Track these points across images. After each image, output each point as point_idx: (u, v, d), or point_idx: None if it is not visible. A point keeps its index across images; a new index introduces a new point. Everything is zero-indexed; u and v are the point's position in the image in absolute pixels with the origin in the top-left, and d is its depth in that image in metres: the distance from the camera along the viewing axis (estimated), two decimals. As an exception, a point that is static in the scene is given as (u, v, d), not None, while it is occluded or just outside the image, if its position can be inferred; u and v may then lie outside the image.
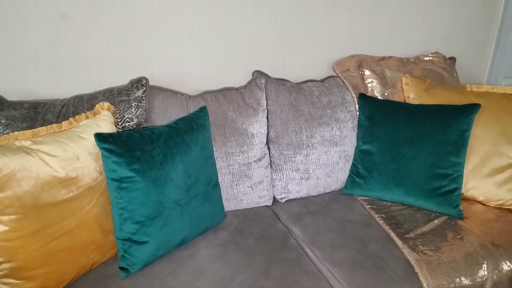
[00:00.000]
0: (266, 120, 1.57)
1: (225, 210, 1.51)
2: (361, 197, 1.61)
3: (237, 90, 1.60)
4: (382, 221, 1.44)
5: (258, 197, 1.54)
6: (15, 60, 1.40)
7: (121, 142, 1.11)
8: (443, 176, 1.46)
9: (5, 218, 0.98)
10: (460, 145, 1.46)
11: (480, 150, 1.51)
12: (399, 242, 1.32)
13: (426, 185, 1.48)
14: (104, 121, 1.26)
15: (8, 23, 1.35)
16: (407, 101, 1.71)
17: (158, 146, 1.18)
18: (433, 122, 1.49)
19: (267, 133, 1.59)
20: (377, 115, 1.60)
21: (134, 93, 1.41)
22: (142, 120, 1.42)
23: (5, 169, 0.99)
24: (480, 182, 1.51)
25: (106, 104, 1.32)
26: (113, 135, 1.12)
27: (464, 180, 1.49)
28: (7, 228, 0.99)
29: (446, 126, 1.48)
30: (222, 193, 1.46)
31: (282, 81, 1.65)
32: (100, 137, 1.09)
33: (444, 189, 1.46)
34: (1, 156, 1.00)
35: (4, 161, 1.00)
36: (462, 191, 1.49)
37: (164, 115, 1.46)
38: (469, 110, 1.48)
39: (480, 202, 1.54)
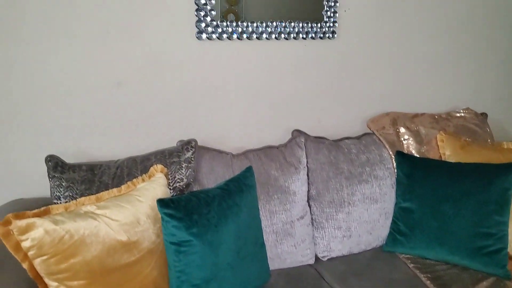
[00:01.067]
0: (307, 177, 1.62)
1: (270, 269, 1.52)
2: (403, 255, 1.61)
3: (278, 148, 1.66)
4: (428, 282, 1.43)
5: (301, 255, 1.56)
6: (73, 124, 1.49)
7: (180, 207, 1.16)
8: (487, 235, 1.46)
9: (75, 283, 1.02)
10: (503, 204, 1.47)
11: (523, 209, 1.52)
12: (449, 304, 1.31)
13: (471, 244, 1.48)
14: (159, 183, 1.32)
15: (67, 90, 1.45)
16: (443, 158, 1.74)
17: (213, 209, 1.22)
18: (474, 181, 1.52)
19: (308, 191, 1.63)
20: (415, 172, 1.64)
21: (184, 154, 1.48)
22: (191, 180, 1.47)
23: (76, 235, 1.05)
24: (525, 241, 1.51)
25: (160, 167, 1.38)
26: (174, 200, 1.17)
27: (510, 238, 1.49)
28: (74, 293, 1.03)
29: (487, 185, 1.50)
30: (267, 252, 1.48)
31: (320, 139, 1.71)
32: (162, 203, 1.14)
33: (490, 248, 1.46)
34: (72, 222, 1.06)
35: (75, 226, 1.05)
36: (509, 250, 1.48)
37: (210, 175, 1.51)
38: (510, 168, 1.51)
39: (526, 261, 1.53)
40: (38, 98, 1.43)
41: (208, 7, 1.52)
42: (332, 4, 1.71)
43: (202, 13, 1.53)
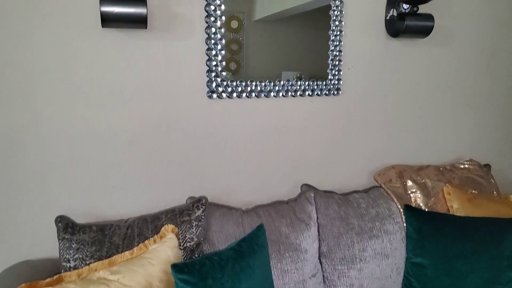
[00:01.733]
0: (317, 234, 1.61)
1: (282, 331, 1.48)
2: (418, 313, 1.57)
3: (287, 203, 1.67)
4: None
5: (314, 315, 1.52)
6: (83, 183, 1.50)
7: (195, 271, 1.15)
8: (502, 293, 1.45)
9: None
10: (516, 260, 1.47)
11: (535, 264, 1.51)
12: None
13: (486, 302, 1.45)
14: (170, 245, 1.31)
15: (79, 149, 1.47)
16: (451, 211, 1.75)
17: (226, 272, 1.21)
18: (485, 237, 1.52)
19: (319, 247, 1.62)
20: (425, 227, 1.63)
21: (195, 212, 1.48)
22: (201, 239, 1.46)
23: (90, 305, 1.02)
24: (541, 298, 1.49)
25: (171, 227, 1.38)
26: (188, 264, 1.16)
27: (525, 296, 1.47)
28: None
29: (499, 241, 1.50)
30: (279, 313, 1.45)
31: (329, 194, 1.72)
32: (176, 268, 1.13)
33: (506, 306, 1.43)
34: (86, 291, 1.04)
35: (89, 296, 1.03)
36: (525, 308, 1.46)
37: (221, 233, 1.50)
38: (520, 224, 1.52)
39: (543, 319, 1.50)
40: (49, 158, 1.44)
41: (219, 68, 1.58)
42: (337, 63, 1.78)
43: (213, 74, 1.58)
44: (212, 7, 1.53)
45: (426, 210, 1.74)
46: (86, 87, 1.44)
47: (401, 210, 1.72)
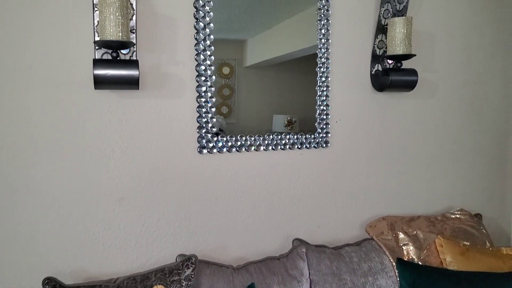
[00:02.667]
0: (309, 290, 1.58)
1: None
2: None
3: (279, 259, 1.65)
4: None
5: None
6: (72, 242, 1.48)
7: None
8: None
9: None
10: (511, 317, 1.44)
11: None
12: None
13: None
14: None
15: (68, 208, 1.47)
16: (444, 264, 1.73)
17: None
18: (479, 292, 1.50)
19: (311, 304, 1.58)
20: (418, 282, 1.61)
21: (185, 271, 1.45)
22: (191, 299, 1.43)
23: None
24: None
25: (160, 287, 1.35)
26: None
27: None
28: None
29: (493, 296, 1.48)
30: None
31: (321, 248, 1.70)
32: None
33: None
34: None
35: None
36: None
37: (211, 292, 1.47)
38: (513, 278, 1.50)
39: None
40: (37, 217, 1.43)
41: (209, 125, 1.61)
42: (324, 117, 1.83)
43: (204, 130, 1.61)
44: (203, 67, 1.58)
45: (419, 263, 1.73)
46: (77, 147, 1.45)
47: (394, 263, 1.70)
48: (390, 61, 1.91)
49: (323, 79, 1.81)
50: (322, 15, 1.78)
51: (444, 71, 2.11)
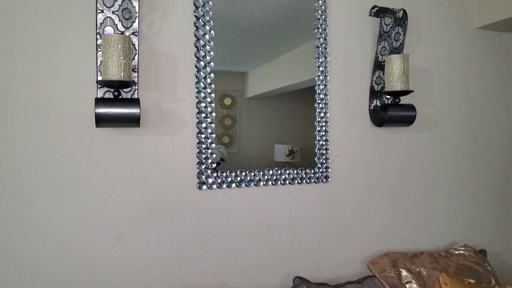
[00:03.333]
0: (310, 331, 1.54)
1: None
2: None
3: (279, 298, 1.61)
4: None
5: None
6: (71, 280, 1.46)
7: None
8: None
9: None
10: None
11: None
12: None
13: None
14: None
15: (68, 247, 1.46)
16: (449, 302, 1.69)
17: None
18: (485, 334, 1.45)
19: None
20: (423, 322, 1.57)
21: (182, 311, 1.42)
22: None
23: None
24: None
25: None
26: None
27: None
28: None
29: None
30: None
31: (322, 286, 1.67)
32: None
33: None
34: None
35: None
36: None
37: (209, 333, 1.44)
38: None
39: None
40: (36, 253, 1.42)
41: (209, 161, 1.63)
42: (324, 152, 1.84)
43: (203, 166, 1.62)
44: (203, 104, 1.61)
45: (423, 302, 1.69)
46: (77, 184, 1.46)
47: (397, 302, 1.66)
48: (388, 96, 1.94)
49: (322, 114, 1.83)
50: (320, 53, 1.82)
51: (442, 105, 2.13)
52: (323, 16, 1.82)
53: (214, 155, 1.63)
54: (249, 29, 1.70)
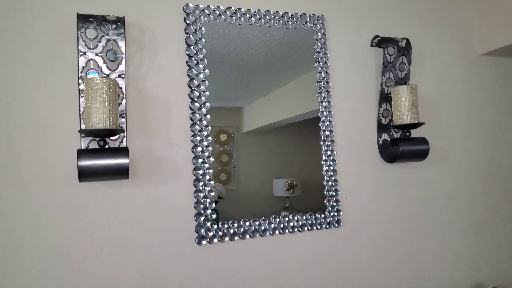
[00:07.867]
0: None
1: None
2: None
3: None
4: None
5: None
6: None
7: None
8: None
9: None
10: None
11: None
12: None
13: None
14: None
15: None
16: None
17: None
18: None
19: None
20: None
21: None
22: None
23: None
24: None
25: None
26: None
27: None
28: None
29: None
30: None
31: None
32: None
33: None
34: None
35: None
36: None
37: None
38: None
39: None
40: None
41: (208, 211, 1.45)
42: (333, 193, 1.68)
43: (202, 218, 1.45)
44: (200, 149, 1.46)
45: None
46: (60, 247, 1.28)
47: None
48: (397, 130, 1.81)
49: (329, 152, 1.69)
50: (322, 87, 1.70)
51: (452, 136, 2.00)
52: (323, 49, 1.72)
53: (213, 205, 1.46)
54: (244, 64, 1.60)
